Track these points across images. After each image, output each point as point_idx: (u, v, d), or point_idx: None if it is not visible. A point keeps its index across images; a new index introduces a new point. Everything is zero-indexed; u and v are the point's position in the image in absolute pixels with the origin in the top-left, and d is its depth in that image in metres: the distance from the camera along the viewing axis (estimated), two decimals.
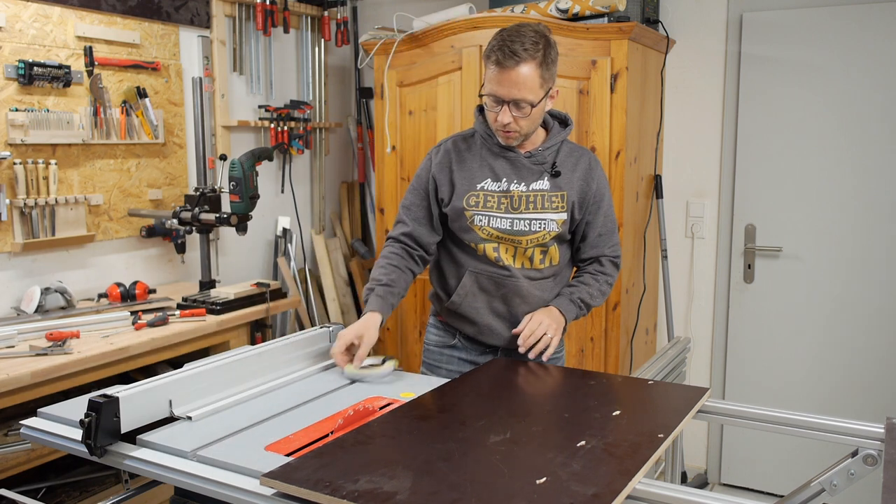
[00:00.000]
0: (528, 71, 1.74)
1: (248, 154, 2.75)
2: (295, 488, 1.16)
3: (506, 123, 1.80)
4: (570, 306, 1.94)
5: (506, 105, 1.78)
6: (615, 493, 1.14)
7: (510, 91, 1.76)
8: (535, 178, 1.91)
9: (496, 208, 1.90)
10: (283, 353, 1.83)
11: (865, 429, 1.47)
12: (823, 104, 3.09)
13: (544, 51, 1.76)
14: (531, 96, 1.77)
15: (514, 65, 1.73)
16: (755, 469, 3.38)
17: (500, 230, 1.91)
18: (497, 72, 1.76)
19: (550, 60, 1.78)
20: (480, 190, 1.91)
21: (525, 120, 1.81)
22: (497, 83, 1.77)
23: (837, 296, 3.15)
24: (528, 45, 1.73)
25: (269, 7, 3.37)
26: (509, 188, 1.90)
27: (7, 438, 2.20)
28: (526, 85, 1.75)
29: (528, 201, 1.90)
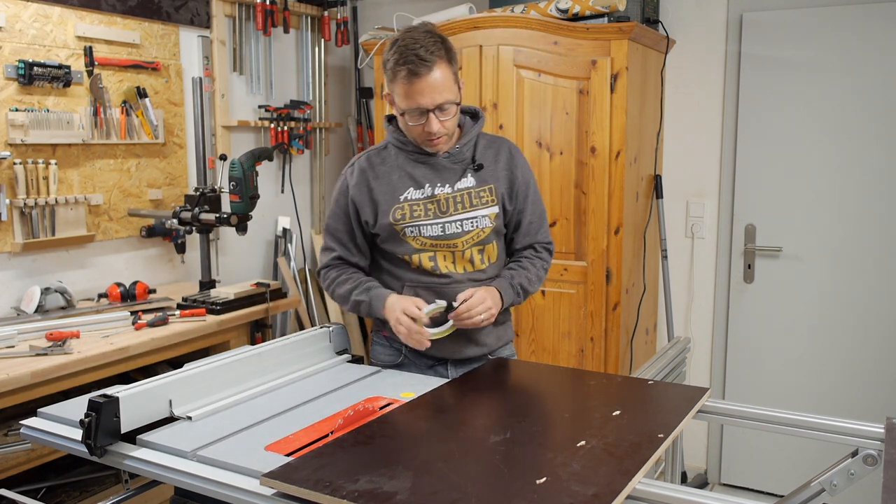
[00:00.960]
0: (441, 72, 1.71)
1: (248, 154, 2.75)
2: (295, 488, 1.16)
3: (435, 131, 1.76)
4: (510, 291, 1.88)
5: (430, 113, 1.74)
6: (615, 493, 1.14)
7: (433, 98, 1.72)
8: (457, 176, 1.87)
9: (424, 216, 1.84)
10: (283, 353, 1.83)
11: (865, 429, 1.47)
12: (823, 104, 3.09)
13: (445, 47, 1.74)
14: (452, 95, 1.75)
15: (428, 71, 1.69)
16: (755, 469, 3.38)
17: (434, 237, 1.85)
18: (412, 83, 1.70)
19: (453, 54, 1.77)
20: (405, 201, 1.85)
21: (450, 121, 1.79)
22: (417, 94, 1.71)
23: (837, 296, 3.15)
24: (430, 47, 1.70)
25: (269, 7, 3.37)
26: (434, 193, 1.85)
27: (7, 438, 2.20)
28: (445, 86, 1.73)
29: (456, 202, 1.85)
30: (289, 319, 3.62)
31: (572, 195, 2.94)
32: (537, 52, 2.92)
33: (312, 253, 3.91)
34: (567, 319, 3.00)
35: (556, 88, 2.91)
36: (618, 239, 2.89)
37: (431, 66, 1.69)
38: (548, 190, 2.97)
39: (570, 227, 2.96)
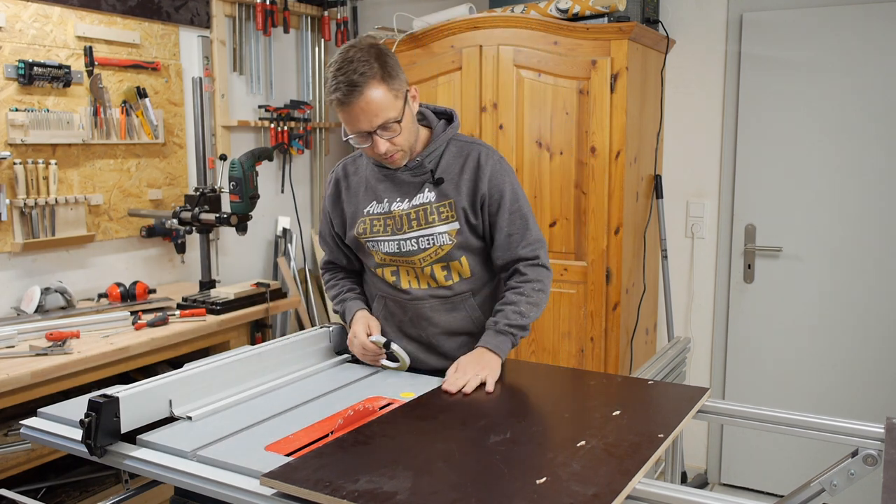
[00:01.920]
0: (374, 93, 1.61)
1: (248, 154, 2.75)
2: (295, 488, 1.16)
3: (384, 151, 1.68)
4: (501, 339, 1.74)
5: (373, 135, 1.66)
6: (615, 493, 1.14)
7: (370, 121, 1.63)
8: (416, 191, 1.79)
9: (382, 231, 1.81)
10: (283, 353, 1.83)
11: (865, 429, 1.48)
12: (823, 104, 3.09)
13: (379, 63, 1.62)
14: (392, 114, 1.65)
15: (359, 95, 1.60)
16: (755, 469, 3.38)
17: (390, 254, 1.82)
18: (347, 109, 1.63)
19: (391, 69, 1.64)
20: (367, 215, 1.83)
21: (400, 137, 1.69)
22: (355, 120, 1.64)
23: (837, 296, 3.15)
24: (360, 69, 1.60)
25: (269, 7, 3.37)
26: (391, 209, 1.80)
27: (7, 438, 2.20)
28: (381, 106, 1.62)
29: (411, 219, 1.78)
30: (289, 319, 3.62)
31: (572, 195, 2.94)
32: (537, 52, 2.92)
33: (312, 253, 3.91)
34: (567, 319, 3.00)
35: (556, 88, 2.91)
36: (618, 239, 2.89)
37: (362, 89, 1.59)
38: (548, 190, 2.97)
39: (570, 227, 2.96)
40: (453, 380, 1.65)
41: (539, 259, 1.82)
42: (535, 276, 1.80)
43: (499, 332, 1.75)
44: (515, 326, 1.75)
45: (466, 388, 1.61)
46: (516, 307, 1.77)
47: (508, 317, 1.76)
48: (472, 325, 1.86)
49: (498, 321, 1.76)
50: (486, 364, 1.70)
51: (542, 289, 1.81)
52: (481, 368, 1.68)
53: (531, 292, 1.78)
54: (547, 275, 1.83)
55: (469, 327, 1.86)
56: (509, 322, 1.75)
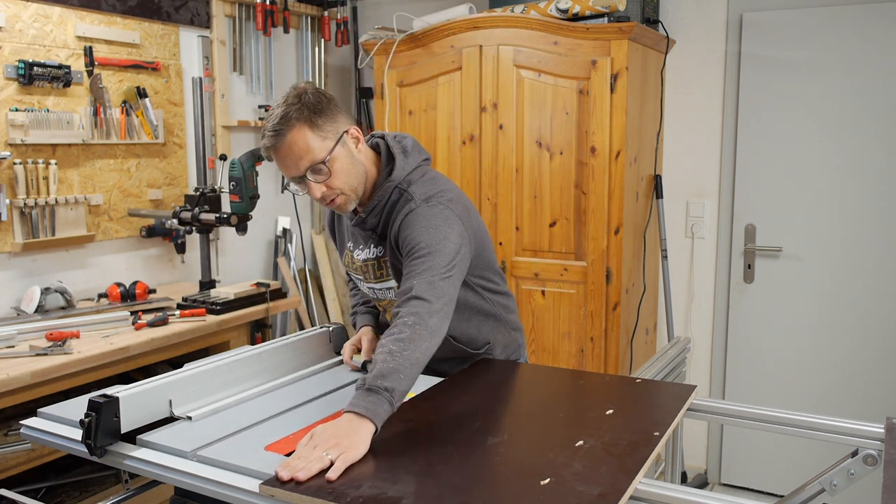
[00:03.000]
0: (295, 136, 1.55)
1: (248, 154, 2.75)
2: (297, 496, 1.15)
3: (319, 196, 1.62)
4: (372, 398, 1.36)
5: (306, 180, 1.60)
6: (620, 492, 1.14)
7: (297, 164, 1.58)
8: (365, 244, 1.79)
9: (357, 271, 1.85)
10: (283, 353, 1.83)
11: (865, 429, 1.48)
12: (823, 104, 3.08)
13: (305, 107, 1.56)
14: (319, 155, 1.57)
15: (282, 140, 1.56)
16: (755, 469, 3.38)
17: (366, 292, 1.88)
18: (275, 155, 1.59)
19: (319, 110, 1.58)
20: (350, 250, 1.86)
21: (335, 179, 1.61)
22: (282, 165, 1.60)
23: (837, 296, 3.15)
24: (283, 113, 1.56)
25: (269, 7, 3.37)
26: (354, 256, 1.83)
27: (7, 438, 2.20)
28: (303, 149, 1.56)
29: (366, 271, 1.81)
30: (289, 319, 3.62)
31: (572, 195, 2.94)
32: (537, 52, 2.92)
33: (312, 253, 3.91)
34: (567, 319, 3.00)
35: (556, 88, 2.91)
36: (618, 239, 2.89)
37: (283, 135, 1.56)
38: (548, 190, 2.97)
39: (570, 227, 2.96)
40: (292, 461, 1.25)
41: (408, 291, 1.54)
42: (405, 311, 1.52)
43: (369, 390, 1.38)
44: (383, 377, 1.39)
45: (300, 475, 1.20)
46: (383, 349, 1.46)
47: (377, 367, 1.42)
48: (453, 353, 1.85)
49: (366, 377, 1.41)
50: (345, 437, 1.30)
51: (416, 322, 1.49)
52: (335, 445, 1.27)
53: (404, 328, 1.48)
54: (420, 305, 1.52)
55: (451, 354, 1.85)
56: (377, 374, 1.40)
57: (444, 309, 1.55)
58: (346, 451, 1.27)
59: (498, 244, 3.09)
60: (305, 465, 1.22)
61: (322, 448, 1.26)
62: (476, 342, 1.88)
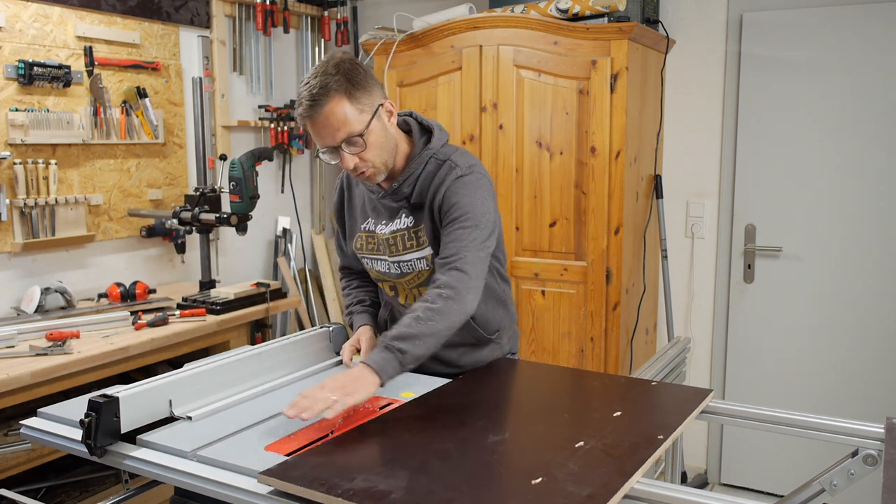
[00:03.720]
0: (334, 107, 1.57)
1: (248, 154, 2.75)
2: (291, 486, 1.16)
3: (352, 167, 1.64)
4: (384, 355, 1.51)
5: (340, 150, 1.62)
6: (611, 493, 1.14)
7: (333, 135, 1.59)
8: (394, 216, 1.76)
9: (375, 250, 1.81)
10: (283, 353, 1.83)
11: (865, 429, 1.47)
12: (823, 104, 3.08)
13: (344, 77, 1.58)
14: (356, 128, 1.59)
15: (320, 109, 1.57)
16: (755, 469, 3.38)
17: (381, 273, 1.82)
18: (311, 123, 1.60)
19: (358, 82, 1.59)
20: (363, 231, 1.83)
21: (369, 152, 1.63)
22: (317, 135, 1.61)
23: (837, 296, 3.15)
24: (323, 82, 1.57)
25: (269, 7, 3.37)
26: (375, 230, 1.80)
27: (7, 438, 2.20)
28: (342, 121, 1.58)
29: (389, 244, 1.77)
30: (289, 319, 3.62)
31: (572, 195, 2.94)
32: (537, 52, 2.92)
33: (312, 253, 3.91)
34: (567, 319, 3.00)
35: (556, 88, 2.91)
36: (618, 239, 2.89)
37: (322, 104, 1.57)
38: (548, 190, 2.97)
39: (570, 227, 2.96)
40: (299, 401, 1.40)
41: (456, 261, 1.61)
42: (444, 280, 1.59)
43: (384, 348, 1.52)
44: (403, 339, 1.51)
45: (305, 414, 1.35)
46: (414, 312, 1.56)
47: (401, 324, 1.55)
48: (470, 336, 1.83)
49: (386, 333, 1.55)
50: (354, 387, 1.44)
51: (451, 296, 1.57)
52: (340, 388, 1.42)
53: (437, 298, 1.57)
54: (462, 278, 1.59)
55: (467, 339, 1.83)
56: (398, 334, 1.52)
57: (480, 286, 1.64)
58: (348, 397, 1.40)
59: None
60: (311, 404, 1.37)
61: (328, 390, 1.41)
62: (490, 326, 1.86)
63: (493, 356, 1.90)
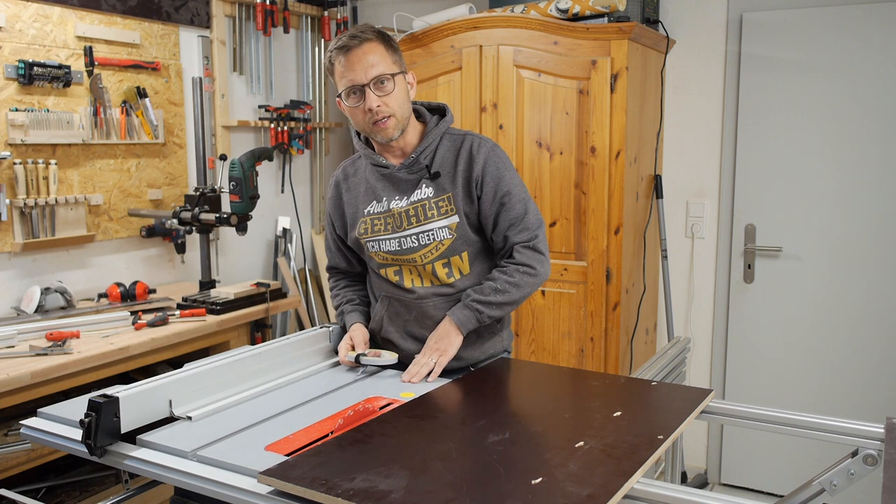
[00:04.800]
0: (373, 47, 1.70)
1: (248, 154, 2.75)
2: (291, 486, 1.16)
3: (375, 108, 1.70)
4: (465, 312, 1.78)
5: (366, 89, 1.69)
6: (610, 493, 1.14)
7: (366, 71, 1.69)
8: (413, 188, 1.80)
9: (383, 230, 1.83)
10: (283, 353, 1.83)
11: (865, 429, 1.47)
12: (823, 104, 3.09)
13: (382, 35, 1.74)
14: (387, 69, 1.71)
15: (358, 44, 1.69)
16: (755, 469, 3.38)
17: (391, 252, 1.83)
18: (345, 60, 1.70)
19: (394, 46, 1.76)
20: (367, 215, 1.85)
21: (391, 99, 1.72)
22: (349, 69, 1.70)
23: (837, 296, 3.15)
24: (362, 29, 1.72)
25: (269, 7, 3.37)
26: (389, 207, 1.82)
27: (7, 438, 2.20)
28: (377, 60, 1.70)
29: (410, 216, 1.79)
30: (289, 319, 3.62)
31: (572, 195, 2.94)
32: (537, 52, 2.92)
33: (312, 253, 3.91)
34: (567, 319, 3.00)
35: (556, 88, 2.91)
36: (618, 239, 2.89)
37: (361, 42, 1.69)
38: (548, 190, 2.97)
39: (570, 227, 2.96)
40: (414, 371, 1.74)
41: (532, 242, 1.81)
42: (524, 259, 1.80)
43: (466, 307, 1.79)
44: (484, 303, 1.77)
45: (414, 379, 1.71)
46: (494, 283, 1.79)
47: (483, 291, 1.78)
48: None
49: (469, 294, 1.79)
50: (444, 343, 1.77)
51: (530, 272, 1.80)
52: (436, 349, 1.77)
53: (515, 273, 1.79)
54: (539, 259, 1.82)
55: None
56: (479, 298, 1.78)
57: (549, 260, 1.87)
58: (443, 355, 1.76)
59: None
60: (418, 370, 1.73)
61: (428, 355, 1.76)
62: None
63: (494, 349, 1.92)
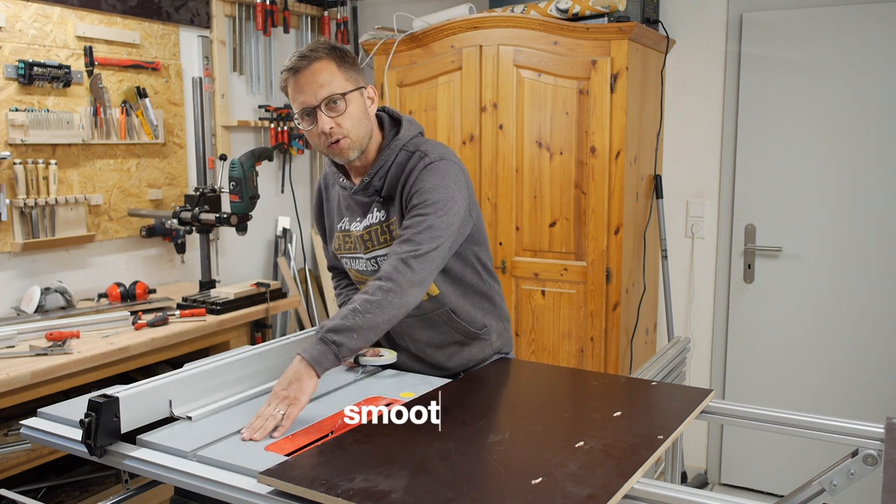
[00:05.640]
0: (323, 66, 1.61)
1: (248, 154, 2.75)
2: (291, 486, 1.16)
3: (328, 131, 1.62)
4: (319, 348, 1.50)
5: (318, 111, 1.62)
6: (610, 493, 1.14)
7: (315, 92, 1.61)
8: (366, 212, 1.75)
9: (353, 249, 1.79)
10: (283, 353, 1.83)
11: (865, 429, 1.47)
12: (823, 104, 3.08)
13: (336, 51, 1.64)
14: (338, 88, 1.62)
15: (307, 64, 1.61)
16: (755, 469, 3.38)
17: (359, 272, 1.81)
18: (294, 81, 1.62)
19: (346, 58, 1.65)
20: (340, 231, 1.82)
21: (345, 119, 1.63)
22: (299, 91, 1.62)
23: (837, 296, 3.15)
24: (313, 47, 1.64)
25: (269, 7, 3.37)
26: (349, 229, 1.79)
27: (7, 438, 2.20)
28: (326, 79, 1.61)
29: (364, 241, 1.75)
30: (289, 319, 3.62)
31: (572, 195, 2.94)
32: (537, 52, 2.92)
33: (312, 253, 3.91)
34: (567, 319, 3.00)
35: (556, 88, 2.91)
36: (618, 239, 2.89)
37: (311, 61, 1.61)
38: (548, 190, 2.97)
39: (570, 227, 2.96)
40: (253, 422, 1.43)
41: (402, 251, 1.58)
42: (387, 272, 1.56)
43: (320, 340, 1.51)
44: (339, 331, 1.50)
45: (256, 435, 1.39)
46: (353, 304, 1.54)
47: (339, 316, 1.53)
48: (457, 335, 1.82)
49: (324, 325, 1.53)
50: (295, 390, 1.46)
51: (393, 289, 1.54)
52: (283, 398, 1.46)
53: (377, 290, 1.54)
54: (404, 271, 1.55)
55: (454, 337, 1.82)
56: (334, 326, 1.51)
57: (427, 280, 1.60)
58: (291, 404, 1.45)
59: (498, 244, 3.09)
60: (262, 423, 1.42)
61: (274, 405, 1.45)
62: (475, 321, 1.83)
63: (483, 354, 1.86)
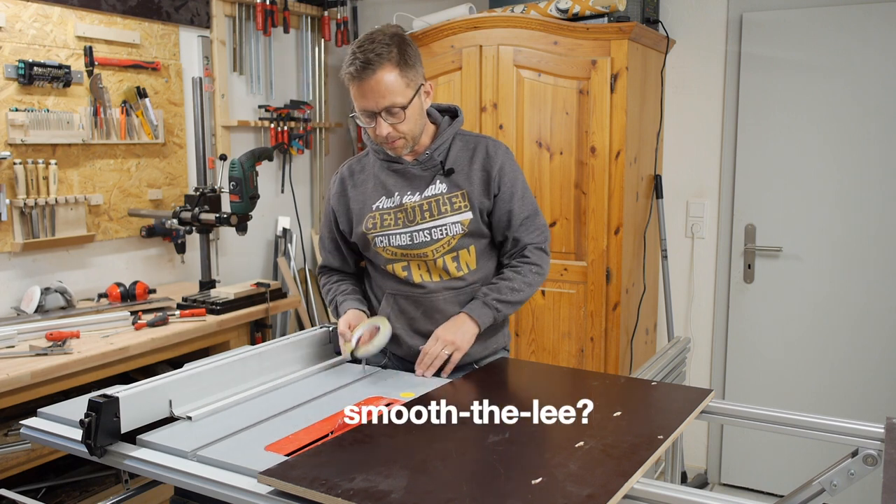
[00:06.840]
0: (386, 75, 1.67)
1: (248, 154, 2.75)
2: (291, 486, 1.16)
3: (385, 135, 1.73)
4: (484, 310, 1.83)
5: (378, 116, 1.71)
6: (610, 493, 1.14)
7: (377, 101, 1.68)
8: (427, 184, 1.84)
9: (393, 225, 1.84)
10: (283, 353, 1.83)
11: (865, 429, 1.47)
12: (823, 104, 3.08)
13: (398, 50, 1.68)
14: (400, 99, 1.69)
15: (371, 73, 1.66)
16: (755, 469, 3.38)
17: (402, 247, 1.84)
18: (357, 86, 1.68)
19: (409, 58, 1.71)
20: (376, 210, 1.86)
21: (404, 124, 1.73)
22: (362, 97, 1.69)
23: (837, 296, 3.15)
24: (378, 50, 1.66)
25: (269, 7, 3.37)
26: (402, 201, 1.83)
27: (7, 438, 2.20)
28: (389, 90, 1.67)
29: (423, 210, 1.82)
30: (289, 319, 3.62)
31: (572, 195, 2.94)
32: (537, 52, 2.92)
33: (312, 253, 3.91)
34: (567, 319, 3.00)
35: (556, 88, 2.91)
36: (618, 239, 2.89)
37: (374, 69, 1.65)
38: (548, 190, 2.97)
39: (570, 227, 2.96)
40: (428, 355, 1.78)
41: (544, 244, 1.92)
42: (537, 259, 1.89)
43: (484, 304, 1.83)
44: (503, 302, 1.84)
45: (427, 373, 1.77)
46: (511, 283, 1.86)
47: (500, 291, 1.85)
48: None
49: (488, 293, 1.85)
50: (460, 336, 1.80)
51: (540, 272, 1.90)
52: (454, 339, 1.79)
53: (530, 274, 1.88)
54: (547, 260, 1.93)
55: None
56: (499, 297, 1.84)
57: None
58: (459, 348, 1.79)
59: None
60: (430, 361, 1.77)
61: (440, 346, 1.78)
62: None
63: (497, 345, 1.96)
